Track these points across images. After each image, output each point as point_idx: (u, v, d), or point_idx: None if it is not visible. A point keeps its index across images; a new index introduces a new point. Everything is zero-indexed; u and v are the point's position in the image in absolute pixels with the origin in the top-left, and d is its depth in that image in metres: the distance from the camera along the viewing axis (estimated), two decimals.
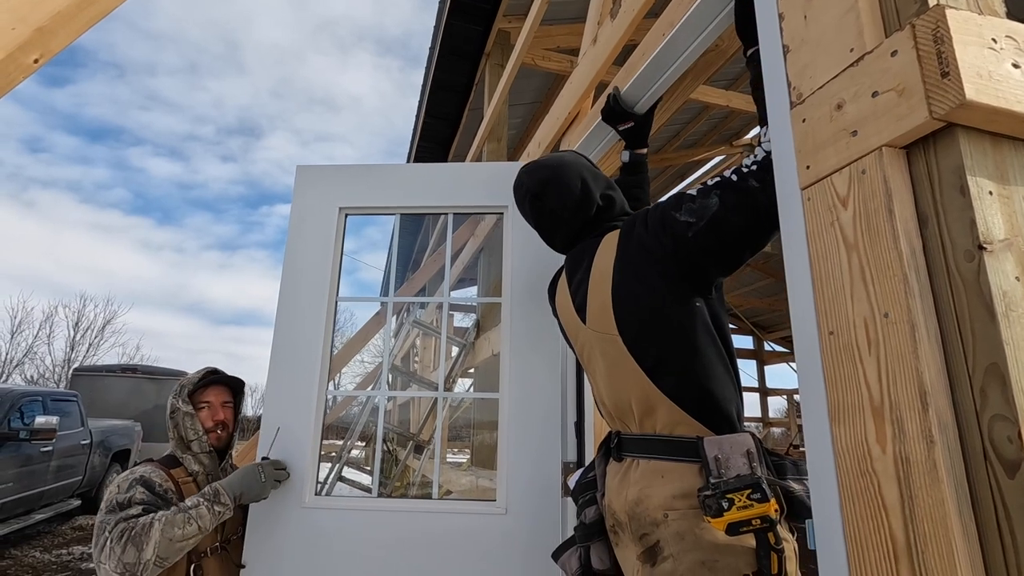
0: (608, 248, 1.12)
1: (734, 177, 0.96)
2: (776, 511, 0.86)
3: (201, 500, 1.41)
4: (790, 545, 0.90)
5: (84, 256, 40.55)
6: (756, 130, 4.67)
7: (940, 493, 0.58)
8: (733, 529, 0.85)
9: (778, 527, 0.86)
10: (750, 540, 0.87)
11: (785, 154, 0.84)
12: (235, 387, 1.72)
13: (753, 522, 0.85)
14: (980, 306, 0.59)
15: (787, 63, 0.84)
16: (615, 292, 1.06)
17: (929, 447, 0.59)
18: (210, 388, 1.66)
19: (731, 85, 5.25)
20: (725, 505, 0.85)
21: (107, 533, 1.31)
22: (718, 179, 0.99)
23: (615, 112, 1.51)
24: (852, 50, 0.73)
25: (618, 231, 1.13)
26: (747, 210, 0.94)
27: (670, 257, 1.01)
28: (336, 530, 1.63)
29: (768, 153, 0.94)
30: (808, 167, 0.78)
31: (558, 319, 1.34)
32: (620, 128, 1.53)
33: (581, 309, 1.16)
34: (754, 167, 0.95)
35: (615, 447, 1.10)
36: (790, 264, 0.82)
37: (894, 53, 0.66)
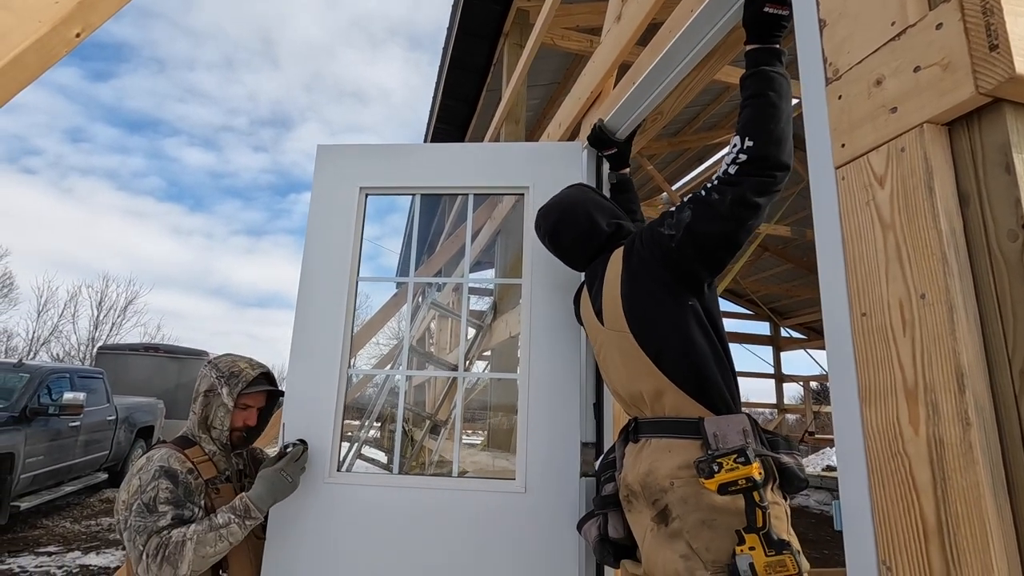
0: (615, 262, 1.32)
1: (703, 192, 1.13)
2: (760, 473, 1.01)
3: (232, 517, 1.42)
4: (780, 508, 1.05)
5: (117, 240, 42.07)
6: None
7: (975, 475, 0.57)
8: (723, 489, 1.01)
9: (763, 489, 1.01)
10: (740, 502, 1.01)
11: (818, 132, 0.83)
12: (276, 397, 1.74)
13: (739, 482, 1.00)
14: (1023, 287, 0.58)
15: (823, 37, 0.82)
16: (623, 297, 1.26)
17: (965, 429, 0.59)
18: (256, 392, 1.65)
19: None
20: (716, 468, 1.02)
21: (141, 546, 1.36)
22: (691, 195, 1.17)
23: (600, 139, 1.79)
24: (894, 23, 0.70)
25: (622, 248, 1.33)
26: (713, 220, 1.11)
27: (661, 265, 1.20)
28: (358, 505, 1.66)
29: (727, 169, 1.08)
30: (843, 145, 0.77)
31: (582, 325, 1.53)
32: (604, 154, 1.82)
33: (599, 313, 1.35)
34: (717, 182, 1.11)
35: (633, 430, 1.26)
36: (821, 244, 0.81)
37: (939, 26, 0.64)
